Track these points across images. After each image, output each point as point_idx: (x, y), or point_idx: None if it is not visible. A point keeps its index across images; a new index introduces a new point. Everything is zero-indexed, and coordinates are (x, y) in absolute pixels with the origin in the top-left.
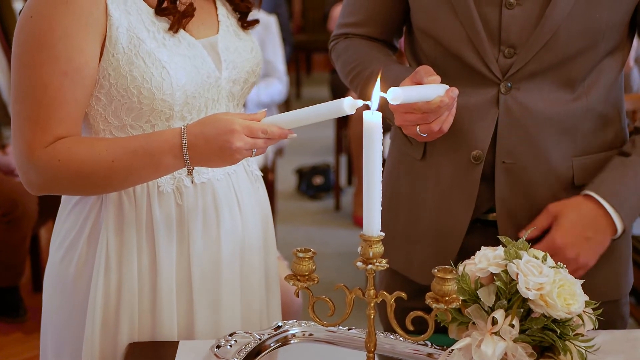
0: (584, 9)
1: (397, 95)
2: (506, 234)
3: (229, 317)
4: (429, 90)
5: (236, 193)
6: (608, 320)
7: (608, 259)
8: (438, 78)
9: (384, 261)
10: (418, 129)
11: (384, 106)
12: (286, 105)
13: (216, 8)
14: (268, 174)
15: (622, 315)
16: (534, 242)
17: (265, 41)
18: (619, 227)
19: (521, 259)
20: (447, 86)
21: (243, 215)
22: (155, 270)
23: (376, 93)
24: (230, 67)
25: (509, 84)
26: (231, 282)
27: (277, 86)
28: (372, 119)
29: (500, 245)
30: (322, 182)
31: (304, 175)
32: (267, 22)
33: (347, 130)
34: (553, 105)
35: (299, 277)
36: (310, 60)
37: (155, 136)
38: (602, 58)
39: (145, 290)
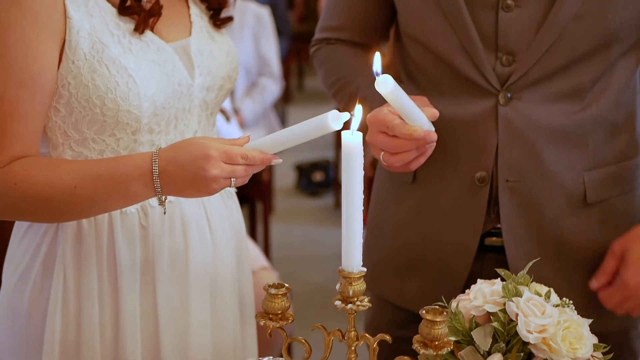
0: (595, 7)
1: (386, 83)
2: (514, 259)
3: (198, 350)
4: (417, 113)
5: (206, 212)
6: (616, 354)
7: None
8: (435, 112)
9: (365, 299)
10: (382, 156)
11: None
12: (287, 99)
13: (188, 7)
14: (264, 171)
15: (632, 349)
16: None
17: (259, 35)
18: None
19: (521, 297)
20: (433, 127)
21: (214, 238)
22: (118, 299)
23: (357, 114)
24: (204, 73)
25: (509, 95)
26: (201, 313)
27: (269, 89)
28: (352, 141)
29: (499, 279)
30: (322, 179)
31: (304, 172)
32: (260, 15)
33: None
34: (559, 116)
35: (271, 316)
36: None
37: (125, 160)
38: (615, 60)
39: (106, 321)
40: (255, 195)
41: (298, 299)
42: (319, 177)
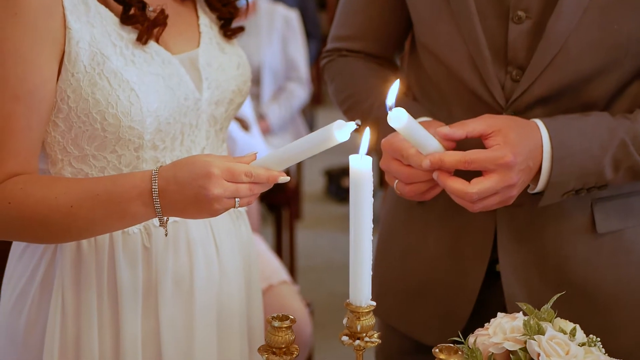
0: (597, 19)
1: (400, 118)
2: (511, 288)
3: None
4: (433, 143)
5: (214, 234)
6: None
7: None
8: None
9: (375, 334)
10: (395, 184)
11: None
12: (318, 101)
13: (198, 17)
14: (291, 177)
15: None
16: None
17: (287, 38)
18: (544, 173)
19: (544, 334)
20: None
21: (221, 259)
22: (118, 324)
23: (365, 138)
24: (213, 87)
25: (513, 113)
26: (206, 338)
27: (297, 94)
28: (361, 167)
29: (521, 313)
30: None
31: (333, 177)
32: (289, 18)
33: None
34: None
35: (274, 350)
36: None
37: (124, 179)
38: (630, 79)
39: (106, 346)
40: (281, 201)
41: (322, 308)
42: (348, 182)
